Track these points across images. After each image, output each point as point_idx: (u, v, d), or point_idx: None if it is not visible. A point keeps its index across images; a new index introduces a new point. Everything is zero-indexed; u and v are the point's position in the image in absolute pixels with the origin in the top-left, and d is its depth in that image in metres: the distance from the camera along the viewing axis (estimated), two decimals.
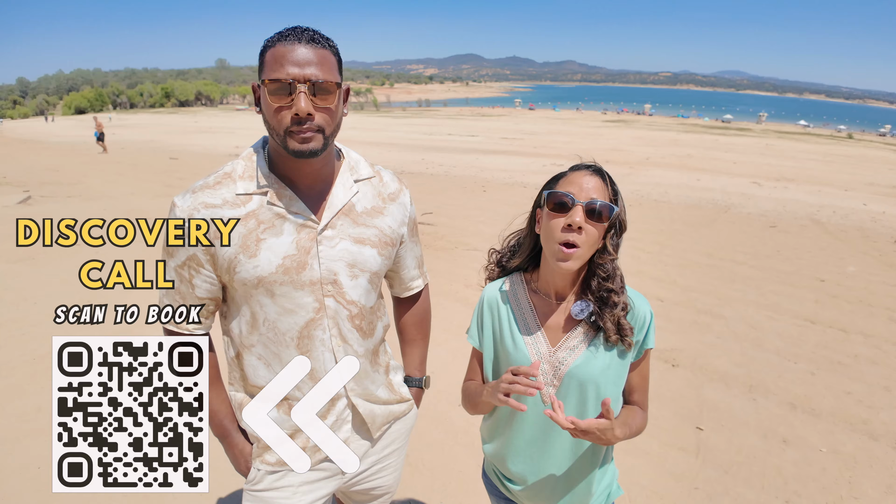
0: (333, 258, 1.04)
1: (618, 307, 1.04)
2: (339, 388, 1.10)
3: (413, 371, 1.38)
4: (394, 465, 1.30)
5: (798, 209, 9.40)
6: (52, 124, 45.77)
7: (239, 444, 1.14)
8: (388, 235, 1.14)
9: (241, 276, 1.00)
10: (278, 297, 1.02)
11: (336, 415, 1.12)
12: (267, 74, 0.91)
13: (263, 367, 1.08)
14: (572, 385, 1.06)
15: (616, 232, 1.04)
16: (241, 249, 0.99)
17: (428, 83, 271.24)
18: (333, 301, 1.06)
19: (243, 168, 1.03)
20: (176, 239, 1.00)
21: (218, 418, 1.13)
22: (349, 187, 1.09)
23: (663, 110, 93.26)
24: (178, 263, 1.02)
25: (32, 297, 4.36)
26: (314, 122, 0.93)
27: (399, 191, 1.19)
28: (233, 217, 0.99)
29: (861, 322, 4.36)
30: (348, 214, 1.07)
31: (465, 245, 6.35)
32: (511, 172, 13.11)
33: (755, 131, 36.58)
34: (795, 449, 2.67)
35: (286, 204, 1.01)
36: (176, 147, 19.75)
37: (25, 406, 2.84)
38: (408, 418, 1.31)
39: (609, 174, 1.05)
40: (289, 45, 0.91)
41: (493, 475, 1.25)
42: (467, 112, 61.78)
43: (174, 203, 1.00)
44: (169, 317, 1.06)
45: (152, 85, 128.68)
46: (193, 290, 1.04)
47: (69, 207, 8.05)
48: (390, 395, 1.24)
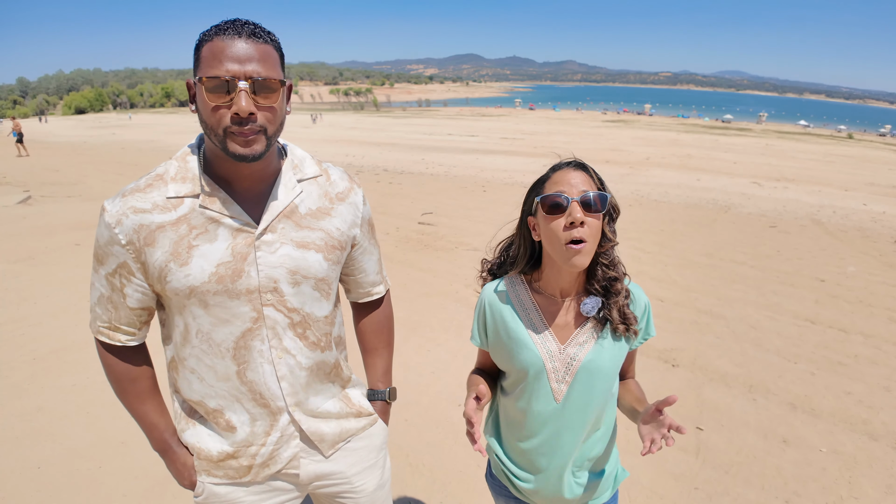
0: (273, 265, 0.96)
1: (621, 294, 1.07)
2: (280, 403, 1.03)
3: (376, 383, 1.27)
4: (369, 485, 1.19)
5: (798, 209, 9.40)
6: (45, 125, 45.66)
7: (181, 457, 1.07)
8: (336, 238, 1.06)
9: (172, 286, 0.93)
10: (212, 307, 0.95)
11: (280, 430, 1.05)
12: (204, 71, 0.84)
13: (197, 381, 1.00)
14: (584, 379, 1.07)
15: (611, 218, 1.06)
16: (172, 257, 0.92)
17: (428, 83, 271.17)
18: (273, 310, 0.98)
19: (176, 169, 0.95)
20: (105, 246, 0.94)
21: (157, 432, 1.07)
22: (292, 187, 1.01)
23: (663, 110, 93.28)
24: (108, 271, 0.95)
25: (32, 297, 4.36)
26: (256, 123, 0.86)
27: (349, 189, 1.11)
28: (162, 222, 0.92)
29: (861, 322, 4.36)
30: (290, 217, 1.00)
31: (465, 245, 6.35)
32: (511, 172, 13.11)
33: (755, 131, 36.59)
34: (795, 449, 2.67)
35: (220, 207, 0.93)
36: (176, 147, 19.75)
37: (25, 406, 2.84)
38: (372, 435, 1.20)
39: (590, 165, 1.06)
40: (228, 39, 0.84)
41: (501, 475, 1.24)
42: (467, 112, 61.78)
43: (104, 208, 0.93)
44: (99, 326, 1.01)
45: (152, 85, 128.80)
46: (125, 299, 0.97)
47: (69, 207, 8.05)
48: (343, 409, 1.14)
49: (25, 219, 7.20)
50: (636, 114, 70.09)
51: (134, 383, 1.05)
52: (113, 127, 35.38)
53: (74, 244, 5.95)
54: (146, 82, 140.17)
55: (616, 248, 1.09)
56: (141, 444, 2.56)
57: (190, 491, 1.10)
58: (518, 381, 1.13)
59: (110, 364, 1.04)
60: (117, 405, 3.14)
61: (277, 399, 1.03)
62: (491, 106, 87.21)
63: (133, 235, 0.92)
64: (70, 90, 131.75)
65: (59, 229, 6.63)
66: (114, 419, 2.74)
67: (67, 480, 2.29)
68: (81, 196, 9.06)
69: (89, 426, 2.68)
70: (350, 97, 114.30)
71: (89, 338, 3.65)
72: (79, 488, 2.25)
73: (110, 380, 1.06)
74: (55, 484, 2.27)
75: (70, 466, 2.38)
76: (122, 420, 2.74)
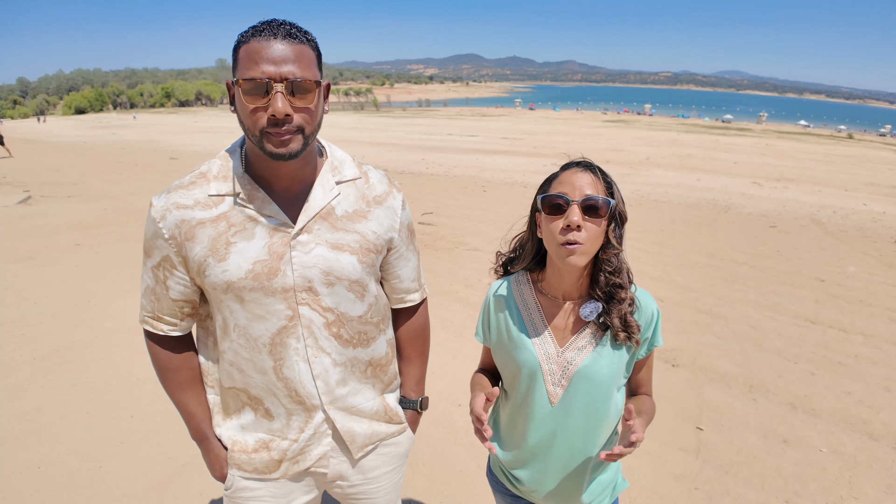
0: (307, 265, 0.98)
1: (624, 302, 1.04)
2: (315, 401, 1.05)
3: (408, 392, 1.28)
4: (385, 488, 1.23)
5: (798, 209, 9.39)
6: (44, 125, 45.48)
7: (216, 448, 1.10)
8: (371, 242, 1.06)
9: (210, 280, 0.96)
10: (248, 302, 0.97)
11: (314, 428, 1.07)
12: (241, 73, 0.86)
13: (237, 373, 1.04)
14: (581, 385, 1.06)
15: (617, 224, 1.03)
16: (211, 252, 0.95)
17: (428, 83, 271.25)
18: (308, 309, 1.00)
19: (218, 168, 0.99)
20: (150, 239, 0.98)
21: (195, 421, 1.10)
22: (329, 189, 1.03)
23: (663, 110, 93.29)
24: (153, 264, 1.00)
25: (32, 297, 4.36)
26: (293, 123, 0.88)
27: (387, 193, 1.11)
28: (203, 218, 0.95)
29: (861, 322, 4.36)
30: (326, 218, 1.01)
31: (465, 245, 6.35)
32: (511, 172, 13.11)
33: (755, 131, 36.57)
34: (795, 449, 2.67)
35: (258, 206, 0.96)
36: (176, 147, 19.75)
37: (25, 406, 2.84)
38: (398, 442, 1.22)
39: (601, 168, 1.04)
40: (264, 40, 0.85)
41: (499, 472, 1.26)
42: (467, 112, 61.76)
43: (151, 203, 0.98)
44: (144, 315, 1.05)
45: (152, 85, 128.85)
46: (167, 290, 1.01)
47: (69, 207, 8.05)
48: (378, 411, 1.16)
49: (25, 219, 7.20)
50: (636, 114, 70.06)
51: (176, 373, 1.08)
52: (113, 127, 35.38)
53: (74, 244, 5.95)
54: (146, 82, 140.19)
55: (621, 255, 1.06)
56: (141, 444, 2.56)
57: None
58: (514, 382, 1.13)
59: (154, 352, 1.08)
60: (117, 405, 3.13)
61: (313, 397, 1.05)
62: (491, 106, 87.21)
63: (175, 230, 0.95)
64: (70, 90, 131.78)
65: (59, 229, 6.63)
66: (114, 419, 2.74)
67: (67, 480, 2.29)
68: (81, 196, 9.05)
69: (89, 426, 2.68)
70: (350, 97, 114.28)
71: (89, 338, 3.65)
72: (79, 488, 2.25)
73: (155, 369, 1.10)
74: (55, 484, 2.27)
75: (70, 466, 2.38)
76: (122, 420, 2.74)
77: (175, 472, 2.35)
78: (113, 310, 4.13)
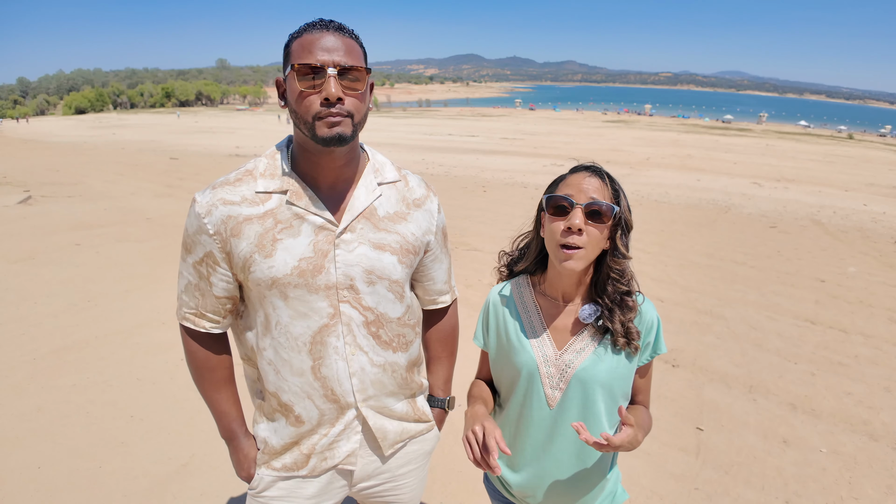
0: (350, 263, 1.00)
1: (627, 308, 1.04)
2: (350, 399, 1.06)
3: (436, 391, 1.30)
4: (410, 485, 1.24)
5: (798, 210, 9.39)
6: (27, 125, 45.18)
7: (245, 448, 1.11)
8: (411, 243, 1.08)
9: (255, 276, 0.98)
10: (292, 299, 0.98)
11: (345, 423, 1.08)
12: (295, 59, 0.90)
13: (273, 373, 1.04)
14: (578, 388, 1.06)
15: (623, 232, 1.03)
16: (257, 248, 0.96)
17: (428, 83, 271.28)
18: (349, 307, 1.02)
19: (265, 166, 1.01)
20: (193, 235, 0.99)
21: (227, 420, 1.11)
22: (372, 190, 1.05)
23: (664, 111, 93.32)
24: (195, 260, 1.00)
25: (32, 297, 4.36)
26: (344, 107, 0.91)
27: (425, 197, 1.14)
28: (250, 215, 0.97)
29: (861, 322, 4.36)
30: (369, 218, 1.03)
31: (465, 245, 6.35)
32: (511, 173, 13.11)
33: (755, 132, 36.58)
34: (795, 449, 2.67)
35: (306, 204, 0.98)
36: (176, 147, 19.75)
37: (25, 406, 2.84)
38: (426, 440, 1.24)
39: (609, 173, 1.04)
40: (317, 33, 0.91)
41: (495, 479, 1.25)
42: (468, 112, 61.77)
43: (194, 199, 0.98)
44: (185, 312, 1.05)
45: (153, 85, 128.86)
46: (211, 287, 1.02)
47: (69, 207, 8.05)
48: (408, 412, 1.18)
49: (25, 219, 7.19)
50: (636, 114, 70.07)
51: (212, 371, 1.10)
52: (113, 127, 35.39)
53: (74, 244, 5.95)
54: (146, 82, 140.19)
55: (627, 263, 1.05)
56: (141, 444, 2.56)
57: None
58: (512, 386, 1.13)
59: (192, 350, 1.08)
60: (117, 405, 3.13)
61: (348, 395, 1.06)
62: (491, 106, 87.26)
63: (221, 226, 0.97)
64: (70, 90, 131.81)
65: (59, 229, 6.63)
66: (114, 419, 2.74)
67: (67, 480, 2.29)
68: (81, 196, 9.05)
69: (89, 426, 2.68)
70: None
71: (89, 338, 3.65)
72: (79, 488, 2.25)
73: (190, 367, 1.10)
74: (55, 484, 2.27)
75: (70, 466, 2.38)
76: (122, 420, 2.74)
77: (175, 472, 2.35)
78: (113, 310, 4.13)
